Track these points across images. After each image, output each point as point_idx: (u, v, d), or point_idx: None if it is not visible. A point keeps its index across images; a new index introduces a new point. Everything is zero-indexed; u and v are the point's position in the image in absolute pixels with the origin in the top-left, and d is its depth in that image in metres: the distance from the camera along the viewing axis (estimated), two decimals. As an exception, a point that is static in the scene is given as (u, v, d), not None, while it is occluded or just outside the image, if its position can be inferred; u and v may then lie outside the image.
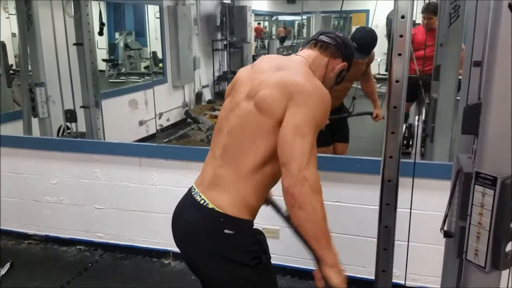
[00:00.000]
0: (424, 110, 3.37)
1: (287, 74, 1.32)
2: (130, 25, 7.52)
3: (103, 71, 6.61)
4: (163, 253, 2.77)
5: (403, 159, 1.44)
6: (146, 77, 6.72)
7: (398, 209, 1.43)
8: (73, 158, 2.76)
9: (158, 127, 3.42)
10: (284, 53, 6.59)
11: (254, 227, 1.34)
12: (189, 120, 5.60)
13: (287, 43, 10.55)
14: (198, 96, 6.46)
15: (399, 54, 1.40)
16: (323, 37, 1.49)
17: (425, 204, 2.08)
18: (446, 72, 2.54)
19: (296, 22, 12.19)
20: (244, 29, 7.15)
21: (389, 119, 1.45)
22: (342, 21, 10.00)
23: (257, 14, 8.88)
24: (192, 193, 1.37)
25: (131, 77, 6.81)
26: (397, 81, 1.42)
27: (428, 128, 3.12)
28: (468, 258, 1.03)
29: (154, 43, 6.29)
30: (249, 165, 1.28)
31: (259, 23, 10.77)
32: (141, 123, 5.08)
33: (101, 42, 6.57)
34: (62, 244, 2.96)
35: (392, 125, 1.45)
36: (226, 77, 6.96)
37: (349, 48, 1.51)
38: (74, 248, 2.94)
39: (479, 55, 1.35)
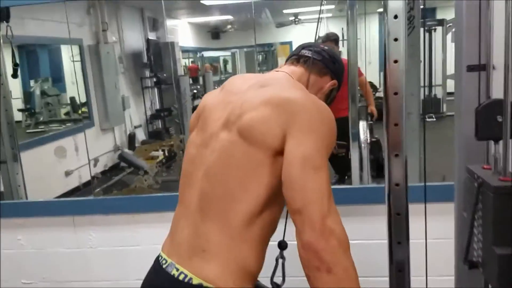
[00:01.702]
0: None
1: (278, 90, 1.04)
2: (46, 71, 7.06)
3: (20, 121, 6.09)
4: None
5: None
6: (68, 124, 6.30)
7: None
8: (-12, 225, 2.25)
9: (94, 175, 2.98)
10: (216, 87, 6.37)
11: None
12: (122, 164, 5.14)
13: (215, 78, 10.41)
14: (131, 137, 6.03)
15: (395, 61, 1.18)
16: (305, 52, 1.24)
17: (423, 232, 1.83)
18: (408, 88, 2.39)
19: (221, 58, 12.15)
20: (174, 64, 6.89)
21: (390, 139, 1.22)
22: (265, 54, 10.10)
23: (184, 51, 8.65)
24: (164, 266, 1.01)
25: (51, 125, 6.34)
26: (395, 93, 1.19)
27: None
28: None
29: (72, 88, 5.83)
30: (241, 216, 0.97)
31: (193, 62, 10.55)
32: (67, 173, 4.56)
33: (15, 92, 6.04)
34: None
35: (394, 147, 1.22)
36: (159, 115, 6.61)
37: (338, 63, 1.28)
38: (-3, 336, 2.38)
39: (474, 59, 1.19)
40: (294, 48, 1.35)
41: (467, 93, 1.31)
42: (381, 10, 1.26)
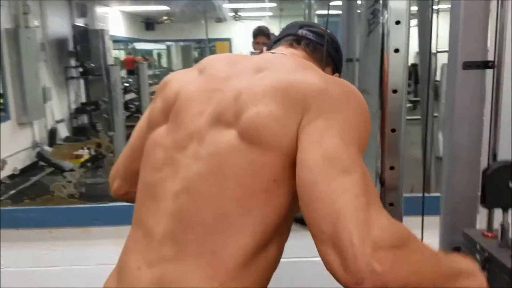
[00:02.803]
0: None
1: (284, 72, 0.79)
2: None
3: None
4: None
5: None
6: None
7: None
8: None
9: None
10: (150, 81, 5.96)
11: None
12: (41, 163, 4.60)
13: (148, 72, 9.90)
14: (52, 133, 5.47)
15: (396, 50, 0.97)
16: (306, 33, 0.97)
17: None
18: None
19: (155, 52, 11.59)
20: (104, 53, 6.40)
21: (385, 148, 1.01)
22: (202, 50, 9.69)
23: (115, 41, 8.09)
24: None
25: None
26: (394, 91, 0.98)
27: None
28: None
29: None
30: (239, 252, 0.70)
31: (129, 53, 9.90)
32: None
33: None
34: None
35: (389, 157, 1.00)
36: (85, 109, 6.08)
37: (340, 52, 1.04)
38: None
39: (472, 56, 1.01)
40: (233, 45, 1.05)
41: (461, 94, 1.10)
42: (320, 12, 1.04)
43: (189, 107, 0.81)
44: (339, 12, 2.55)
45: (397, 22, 0.95)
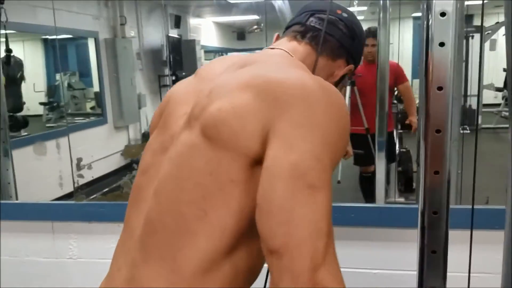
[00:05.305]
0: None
1: (265, 69, 0.74)
2: (74, 65, 6.99)
3: (40, 115, 5.93)
4: None
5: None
6: (91, 118, 6.13)
7: None
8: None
9: (77, 179, 2.71)
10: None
11: None
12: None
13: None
14: (145, 136, 5.82)
15: (442, 44, 0.87)
16: (315, 22, 0.90)
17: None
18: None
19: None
20: (194, 64, 6.66)
21: (429, 151, 0.91)
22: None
23: (206, 51, 8.42)
24: None
25: (76, 118, 6.19)
26: (439, 88, 0.88)
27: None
28: None
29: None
30: (197, 258, 0.65)
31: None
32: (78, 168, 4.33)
33: (39, 85, 5.98)
34: None
35: (434, 161, 0.90)
36: (175, 115, 6.38)
37: (357, 38, 0.93)
38: None
39: None
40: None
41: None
42: (416, 14, 0.94)
43: (176, 110, 0.80)
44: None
45: (442, 14, 0.86)
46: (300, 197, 0.58)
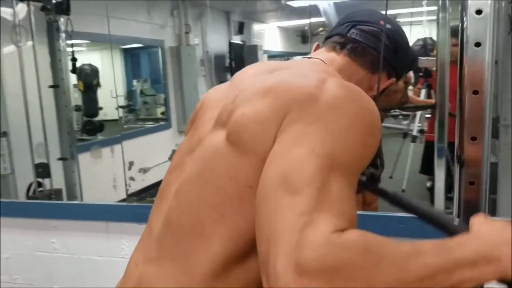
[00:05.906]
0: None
1: (290, 75, 0.74)
2: (146, 73, 7.50)
3: (116, 120, 6.32)
4: None
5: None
6: (161, 122, 6.40)
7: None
8: (26, 224, 2.16)
9: (129, 181, 2.81)
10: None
11: None
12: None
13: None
14: (207, 141, 5.97)
15: (477, 44, 0.81)
16: (356, 34, 0.88)
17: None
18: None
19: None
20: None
21: (464, 160, 0.84)
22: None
23: (270, 56, 8.47)
24: None
25: (146, 123, 6.61)
26: (475, 92, 0.82)
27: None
28: None
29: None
30: (210, 261, 0.65)
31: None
32: (144, 170, 4.50)
33: (120, 90, 6.38)
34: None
35: (469, 170, 0.84)
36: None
37: (401, 51, 0.89)
38: None
39: None
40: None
41: None
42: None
43: (206, 114, 0.81)
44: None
45: (478, 12, 0.80)
46: (284, 202, 0.55)
